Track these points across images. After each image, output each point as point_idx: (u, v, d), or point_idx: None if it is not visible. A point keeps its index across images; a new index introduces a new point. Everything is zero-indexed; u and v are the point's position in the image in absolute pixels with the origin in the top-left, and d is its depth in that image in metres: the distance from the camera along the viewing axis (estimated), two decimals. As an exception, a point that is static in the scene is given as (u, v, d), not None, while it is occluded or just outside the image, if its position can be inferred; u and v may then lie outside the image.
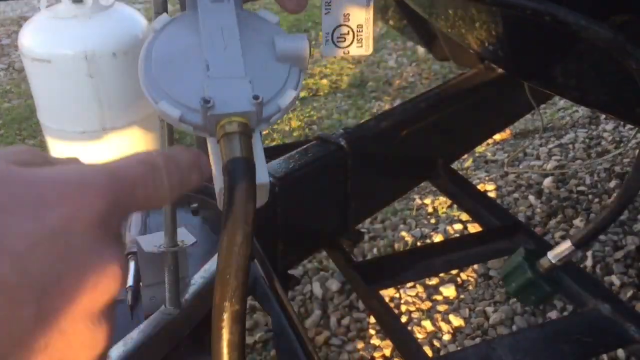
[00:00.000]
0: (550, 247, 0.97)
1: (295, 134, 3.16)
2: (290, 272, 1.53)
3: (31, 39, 2.44)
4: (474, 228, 2.32)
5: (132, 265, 1.04)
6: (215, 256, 1.03)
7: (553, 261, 0.85)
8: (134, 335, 0.87)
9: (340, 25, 0.58)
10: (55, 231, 0.28)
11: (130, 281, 1.01)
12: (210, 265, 1.01)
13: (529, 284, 0.87)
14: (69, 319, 0.28)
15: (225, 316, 0.41)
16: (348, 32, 0.58)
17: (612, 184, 2.53)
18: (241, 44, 0.49)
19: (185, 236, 0.90)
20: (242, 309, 0.41)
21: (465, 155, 2.77)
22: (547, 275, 0.86)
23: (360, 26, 0.58)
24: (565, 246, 0.82)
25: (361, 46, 0.59)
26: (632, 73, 0.68)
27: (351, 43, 0.59)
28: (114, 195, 0.32)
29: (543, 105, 3.01)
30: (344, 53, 0.59)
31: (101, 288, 0.30)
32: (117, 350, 0.85)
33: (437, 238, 2.32)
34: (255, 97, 0.46)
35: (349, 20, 0.57)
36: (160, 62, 0.50)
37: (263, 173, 0.45)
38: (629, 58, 0.66)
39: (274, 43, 0.50)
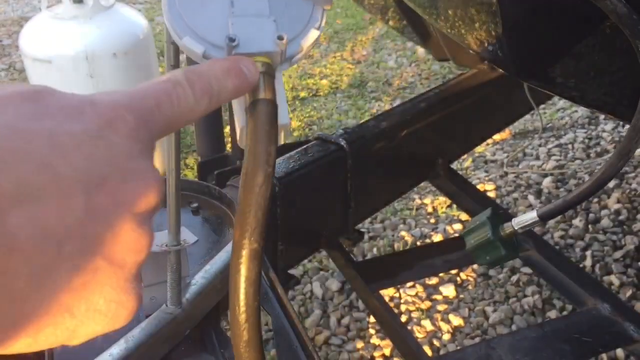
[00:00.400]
0: (553, 249, 0.97)
1: (295, 134, 3.17)
2: (290, 272, 1.54)
3: (32, 40, 2.45)
4: (473, 228, 2.32)
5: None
6: (216, 256, 1.03)
7: (515, 227, 0.86)
8: (135, 333, 0.87)
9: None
10: (97, 134, 0.30)
11: None
12: (211, 265, 1.01)
13: (487, 243, 0.88)
14: (116, 215, 0.29)
15: (244, 253, 0.42)
16: None
17: (611, 183, 2.53)
18: None
19: (187, 235, 0.90)
20: (260, 248, 0.42)
21: (465, 155, 2.78)
22: (507, 239, 0.87)
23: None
24: (530, 216, 0.83)
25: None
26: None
27: None
28: (139, 112, 0.33)
29: (542, 106, 3.01)
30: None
31: (143, 193, 0.31)
32: (119, 347, 0.85)
33: (437, 238, 2.32)
34: (280, 38, 0.46)
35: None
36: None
37: (284, 114, 0.46)
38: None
39: None
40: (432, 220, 2.45)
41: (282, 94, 0.47)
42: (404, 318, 1.99)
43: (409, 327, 1.94)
